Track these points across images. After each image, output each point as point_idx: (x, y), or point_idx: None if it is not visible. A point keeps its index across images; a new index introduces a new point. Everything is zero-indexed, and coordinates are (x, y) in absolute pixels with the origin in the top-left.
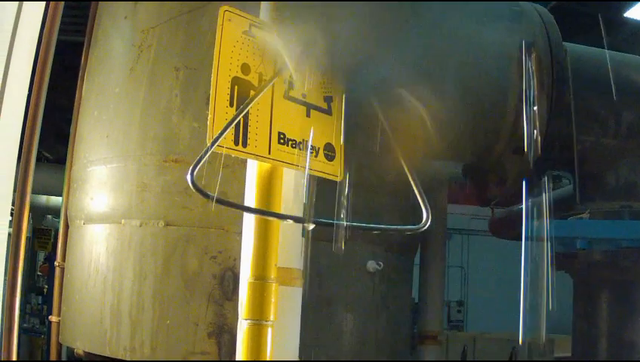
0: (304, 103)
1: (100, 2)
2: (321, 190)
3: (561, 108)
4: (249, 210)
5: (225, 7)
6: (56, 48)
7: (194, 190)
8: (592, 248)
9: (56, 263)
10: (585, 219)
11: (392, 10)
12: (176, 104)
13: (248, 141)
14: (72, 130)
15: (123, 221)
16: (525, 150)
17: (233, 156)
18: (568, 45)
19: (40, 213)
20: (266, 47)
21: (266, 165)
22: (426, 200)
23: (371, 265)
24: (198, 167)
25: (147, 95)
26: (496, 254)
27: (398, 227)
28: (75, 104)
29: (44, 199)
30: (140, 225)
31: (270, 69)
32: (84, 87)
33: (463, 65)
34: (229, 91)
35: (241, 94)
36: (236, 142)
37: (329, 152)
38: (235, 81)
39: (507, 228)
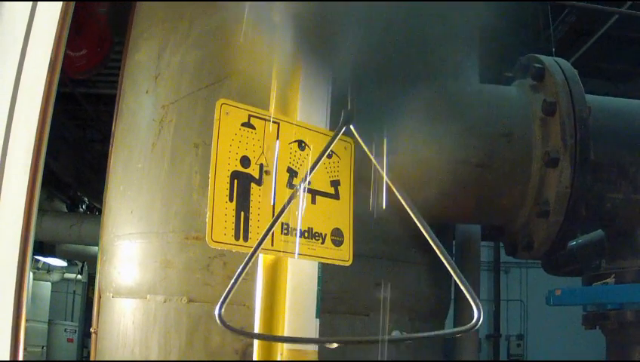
0: (309, 190)
1: (124, 74)
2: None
3: (586, 168)
4: (274, 338)
5: (222, 100)
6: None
7: (222, 326)
8: (624, 308)
9: (92, 329)
10: (611, 284)
11: (410, 67)
12: (197, 181)
13: (250, 235)
14: (103, 201)
15: (148, 296)
16: (551, 214)
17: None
18: (592, 99)
19: (96, 261)
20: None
21: (270, 256)
22: (476, 298)
23: (396, 335)
24: (227, 301)
25: (169, 171)
26: (555, 287)
27: (447, 331)
28: (106, 176)
29: None
30: (165, 301)
31: (272, 158)
32: (111, 159)
33: (486, 126)
34: (228, 186)
35: (241, 188)
36: (237, 237)
37: (337, 238)
38: (235, 174)
39: (558, 265)
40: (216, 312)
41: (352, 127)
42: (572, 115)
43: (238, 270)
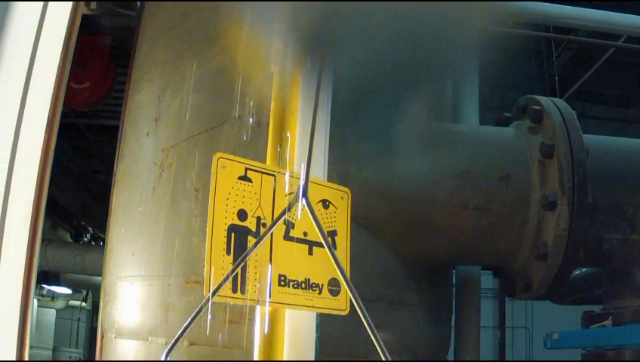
0: (306, 241)
1: (125, 115)
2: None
3: (583, 210)
4: None
5: (219, 154)
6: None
7: None
8: (622, 349)
9: None
10: (608, 326)
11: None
12: (197, 225)
13: (247, 288)
14: (105, 242)
15: (149, 338)
16: (549, 257)
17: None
18: (590, 139)
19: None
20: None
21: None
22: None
23: None
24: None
25: (169, 215)
26: (561, 315)
27: None
28: (108, 216)
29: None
30: (166, 344)
31: (269, 210)
32: (113, 200)
33: (484, 169)
34: (225, 240)
35: (239, 241)
36: (234, 290)
37: (334, 287)
38: (232, 228)
39: (562, 295)
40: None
41: (304, 201)
42: (570, 157)
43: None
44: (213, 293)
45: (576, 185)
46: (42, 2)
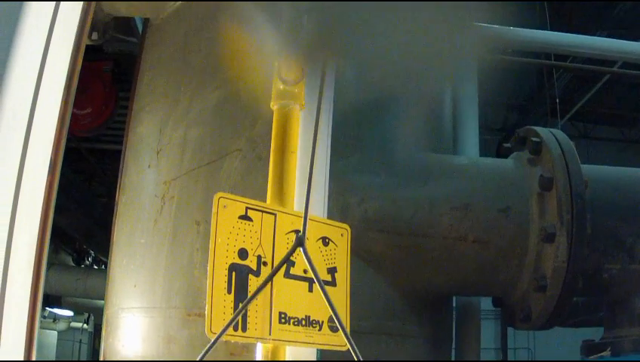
0: (306, 279)
1: (127, 146)
2: None
3: (582, 242)
4: None
5: (220, 194)
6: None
7: None
8: None
9: None
10: (607, 356)
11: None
12: (198, 258)
13: (248, 325)
14: (107, 272)
15: None
16: (548, 288)
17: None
18: (589, 170)
19: (102, 312)
20: None
21: (269, 344)
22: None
23: None
24: None
25: (170, 248)
26: (563, 336)
27: None
28: (110, 246)
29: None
30: None
31: (269, 249)
32: (115, 231)
33: (484, 201)
34: (226, 279)
35: (239, 280)
36: (235, 328)
37: (334, 324)
38: (233, 267)
39: (563, 317)
40: None
41: (301, 250)
42: (569, 190)
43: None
44: (217, 339)
45: (575, 217)
46: (47, 32)
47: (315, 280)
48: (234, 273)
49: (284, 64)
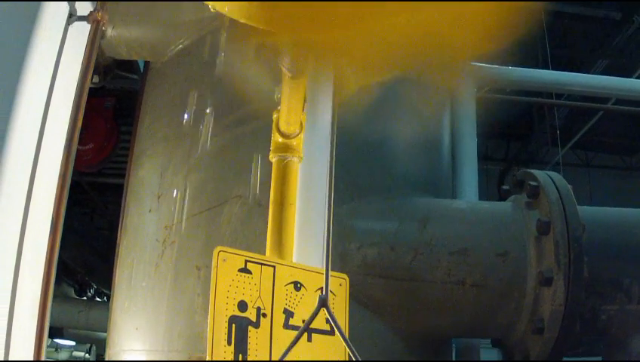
0: (305, 329)
1: (128, 188)
2: None
3: (580, 285)
4: None
5: (219, 248)
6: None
7: None
8: None
9: None
10: None
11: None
12: (199, 303)
13: None
14: (109, 314)
15: None
16: (545, 331)
17: None
18: (586, 212)
19: (104, 344)
20: None
21: None
22: None
23: None
24: None
25: (172, 292)
26: None
27: None
28: (112, 287)
29: None
30: None
31: (268, 301)
32: (116, 273)
33: (482, 246)
34: (226, 331)
35: (239, 332)
36: None
37: None
38: (233, 319)
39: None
40: None
41: (326, 310)
42: (566, 234)
43: None
44: None
45: (573, 261)
46: (51, 74)
47: (341, 337)
48: (234, 325)
49: (282, 118)
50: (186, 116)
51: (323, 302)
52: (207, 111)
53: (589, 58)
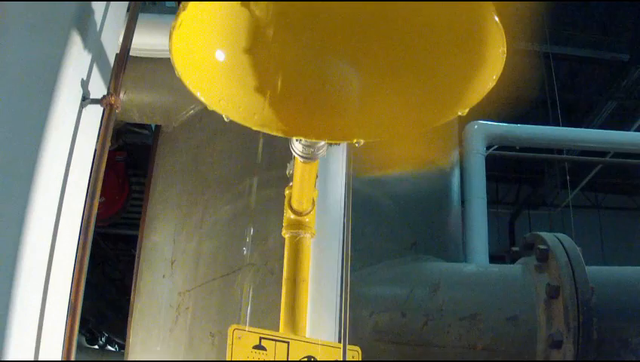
0: None
1: (141, 252)
2: None
3: (589, 347)
4: None
5: (234, 326)
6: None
7: None
8: None
9: None
10: None
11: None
12: None
13: None
14: None
15: None
16: None
17: None
18: (595, 273)
19: None
20: None
21: None
22: None
23: None
24: None
25: (186, 358)
26: None
27: None
28: (125, 350)
29: None
30: None
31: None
32: (130, 337)
33: (492, 310)
34: None
35: None
36: None
37: None
38: None
39: None
40: None
41: None
42: (575, 297)
43: None
44: None
45: (582, 324)
46: (70, 142)
47: None
48: None
49: (295, 196)
50: (197, 183)
51: None
52: (219, 178)
53: (597, 100)
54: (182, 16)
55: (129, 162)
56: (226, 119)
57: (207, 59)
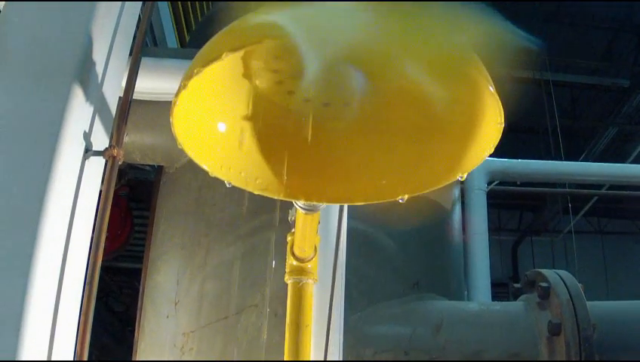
0: None
1: (145, 292)
2: None
3: None
4: None
5: None
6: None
7: None
8: None
9: None
10: None
11: None
12: None
13: None
14: None
15: None
16: None
17: None
18: (597, 309)
19: None
20: None
21: None
22: None
23: None
24: None
25: None
26: None
27: None
28: None
29: None
30: None
31: None
32: None
33: (494, 348)
34: None
35: None
36: None
37: None
38: None
39: None
40: None
41: None
42: (577, 334)
43: None
44: None
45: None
46: (73, 194)
47: None
48: None
49: (297, 244)
50: (201, 224)
51: None
52: (222, 220)
53: (598, 127)
54: (182, 95)
55: (131, 197)
56: (227, 185)
57: (208, 130)
